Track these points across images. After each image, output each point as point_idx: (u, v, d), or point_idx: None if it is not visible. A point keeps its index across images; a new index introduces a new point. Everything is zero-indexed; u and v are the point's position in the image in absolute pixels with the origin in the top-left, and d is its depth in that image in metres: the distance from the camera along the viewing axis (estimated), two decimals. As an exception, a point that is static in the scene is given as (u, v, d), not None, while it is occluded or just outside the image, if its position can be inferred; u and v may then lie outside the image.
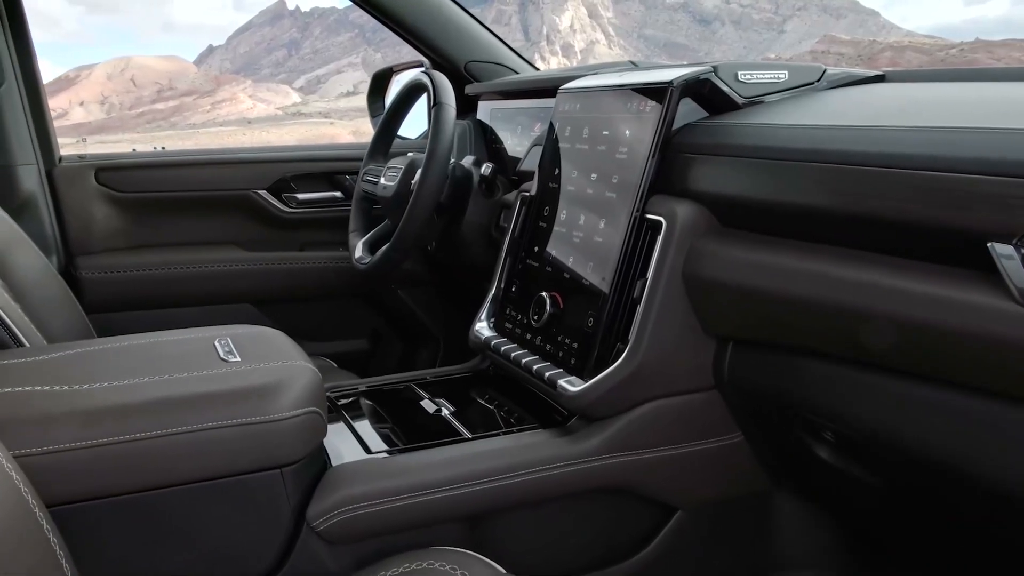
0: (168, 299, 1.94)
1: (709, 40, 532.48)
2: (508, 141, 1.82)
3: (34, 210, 1.82)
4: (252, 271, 1.99)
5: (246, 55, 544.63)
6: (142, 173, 1.94)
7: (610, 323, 1.12)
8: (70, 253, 1.90)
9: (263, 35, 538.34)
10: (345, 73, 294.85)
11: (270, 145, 10.72)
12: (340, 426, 1.22)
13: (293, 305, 2.07)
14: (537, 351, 1.24)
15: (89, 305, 1.84)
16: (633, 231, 1.11)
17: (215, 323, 1.97)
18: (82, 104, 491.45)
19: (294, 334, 2.06)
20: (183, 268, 1.94)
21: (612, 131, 1.19)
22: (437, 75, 1.55)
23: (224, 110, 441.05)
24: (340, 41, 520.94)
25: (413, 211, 1.46)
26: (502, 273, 1.40)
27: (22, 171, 1.80)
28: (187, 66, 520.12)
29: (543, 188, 1.33)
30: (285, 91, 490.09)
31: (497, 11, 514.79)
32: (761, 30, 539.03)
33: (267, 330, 1.17)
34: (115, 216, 1.94)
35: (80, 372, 0.99)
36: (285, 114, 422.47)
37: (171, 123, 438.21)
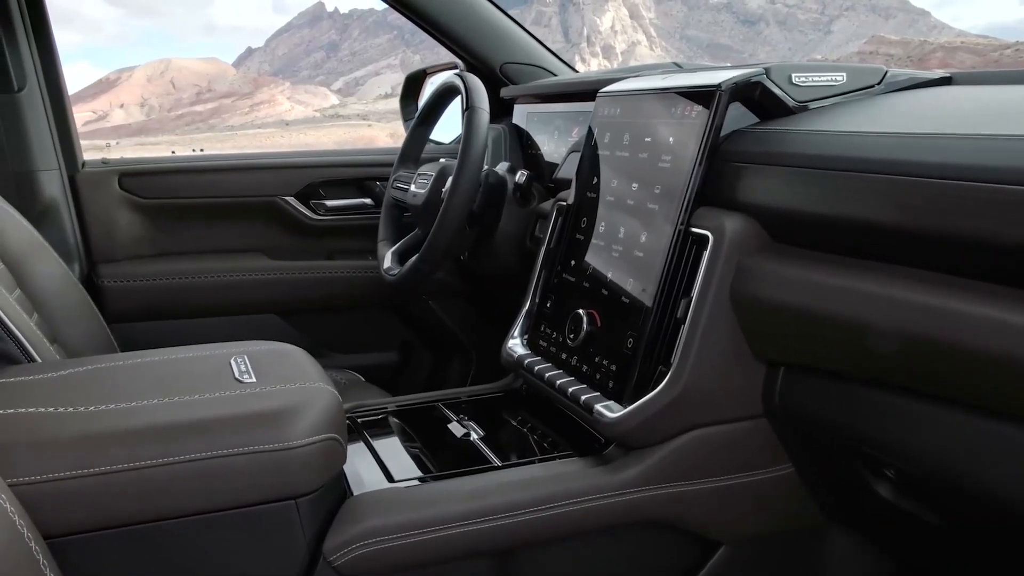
0: (191, 309, 1.92)
1: (753, 41, 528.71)
2: (545, 147, 1.77)
3: (56, 217, 1.81)
4: (278, 280, 1.96)
5: (284, 57, 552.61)
6: (166, 178, 1.92)
7: (651, 344, 1.06)
8: (92, 261, 1.88)
9: (302, 37, 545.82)
10: (383, 75, 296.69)
11: (306, 148, 10.73)
12: (362, 450, 1.18)
13: (320, 316, 2.03)
14: (573, 372, 1.19)
15: (111, 315, 1.82)
16: (677, 245, 1.05)
17: (239, 334, 1.97)
18: (122, 106, 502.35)
19: (321, 346, 2.06)
20: (207, 277, 1.91)
21: (655, 137, 1.13)
22: (470, 77, 1.51)
23: (262, 112, 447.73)
24: (378, 43, 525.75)
25: (443, 221, 1.41)
26: (536, 287, 1.35)
27: (44, 177, 1.78)
28: (226, 68, 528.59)
29: (581, 197, 1.27)
30: (323, 93, 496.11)
31: (537, 12, 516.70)
32: (807, 31, 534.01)
33: (287, 347, 1.13)
34: (138, 223, 1.92)
35: (87, 392, 0.96)
36: (323, 116, 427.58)
37: (209, 125, 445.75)
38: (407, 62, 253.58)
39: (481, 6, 1.86)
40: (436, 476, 1.10)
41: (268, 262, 1.99)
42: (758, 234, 1.01)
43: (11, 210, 1.52)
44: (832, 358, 0.95)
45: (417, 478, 1.10)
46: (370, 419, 1.30)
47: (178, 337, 1.91)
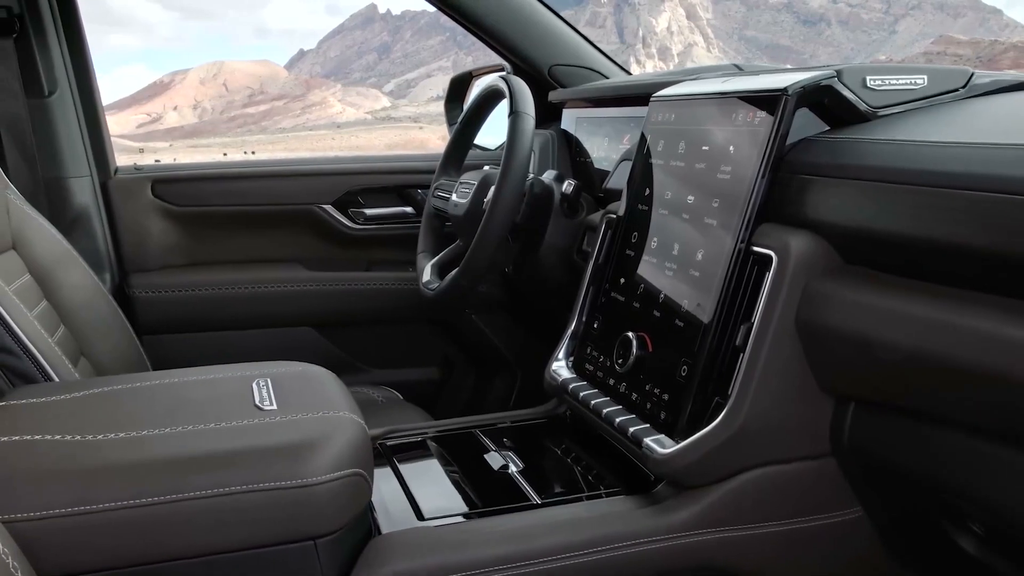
0: (225, 321, 1.89)
1: (814, 42, 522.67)
2: (594, 154, 1.70)
3: (87, 225, 1.79)
4: (315, 292, 1.93)
5: (337, 59, 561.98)
6: (200, 185, 1.90)
7: (707, 373, 0.99)
8: (124, 270, 1.87)
9: (354, 39, 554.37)
10: (435, 77, 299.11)
11: (357, 150, 10.63)
12: (391, 480, 1.12)
13: (358, 329, 1.99)
14: (621, 400, 1.12)
15: (142, 326, 1.81)
16: (737, 266, 0.98)
17: (274, 348, 1.93)
18: (176, 109, 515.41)
19: (358, 361, 2.01)
20: (241, 288, 1.88)
21: (713, 146, 1.06)
22: (515, 80, 1.45)
23: (314, 114, 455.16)
24: (431, 44, 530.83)
25: (484, 234, 1.35)
26: (583, 306, 1.29)
27: (75, 184, 1.77)
28: (278, 70, 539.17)
29: (632, 210, 1.21)
30: (375, 95, 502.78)
31: (591, 13, 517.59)
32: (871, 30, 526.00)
33: (313, 370, 1.08)
34: (171, 231, 1.90)
35: (97, 418, 0.92)
36: (374, 118, 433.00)
37: (261, 127, 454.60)
38: (459, 64, 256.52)
39: (529, 6, 1.80)
40: (470, 514, 1.04)
41: (304, 273, 1.95)
42: (827, 255, 0.93)
43: (40, 219, 1.50)
44: (910, 396, 0.87)
45: (449, 516, 1.04)
46: (402, 446, 1.25)
47: (210, 351, 1.88)
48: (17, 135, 1.68)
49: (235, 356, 1.91)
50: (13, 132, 1.67)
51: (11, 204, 1.46)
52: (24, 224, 1.47)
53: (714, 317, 0.98)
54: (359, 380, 1.90)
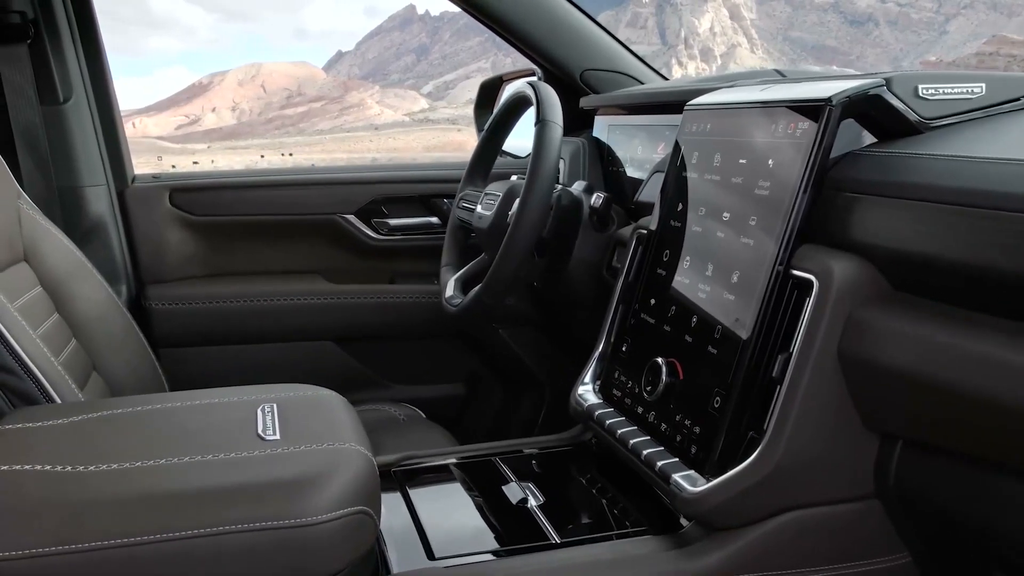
0: (243, 335, 1.86)
1: (861, 43, 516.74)
2: (627, 163, 1.65)
3: (103, 235, 1.78)
4: (336, 305, 1.90)
5: (375, 60, 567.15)
6: (219, 194, 1.88)
7: (741, 405, 0.93)
8: (140, 282, 1.85)
9: (392, 40, 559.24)
10: (474, 78, 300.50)
11: (394, 152, 10.65)
12: (403, 513, 1.08)
13: (381, 344, 1.96)
14: (649, 429, 1.07)
15: (159, 339, 1.79)
16: (774, 290, 0.92)
17: (294, 362, 1.90)
18: (214, 110, 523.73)
19: (381, 376, 1.97)
20: (261, 300, 1.86)
21: (751, 159, 1.00)
22: (542, 87, 1.40)
23: (351, 116, 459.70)
24: (469, 46, 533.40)
25: (508, 249, 1.31)
26: (611, 326, 1.23)
27: (90, 193, 1.76)
28: (316, 72, 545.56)
29: (663, 226, 1.15)
30: (413, 97, 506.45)
31: (632, 13, 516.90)
32: (920, 30, 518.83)
33: (322, 395, 1.04)
34: (189, 241, 1.88)
35: (90, 446, 0.89)
36: (412, 120, 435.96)
37: (299, 129, 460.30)
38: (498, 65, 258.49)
39: (561, 8, 1.75)
40: (484, 553, 0.99)
41: (326, 285, 1.92)
42: (874, 281, 0.87)
43: (54, 229, 1.48)
44: (964, 438, 0.80)
45: (461, 555, 0.99)
46: (417, 472, 1.20)
47: (228, 365, 1.86)
48: (31, 143, 1.66)
49: (254, 371, 1.90)
50: (27, 140, 1.66)
51: (23, 214, 1.44)
52: (36, 235, 1.45)
53: (749, 345, 0.92)
54: (381, 397, 1.87)
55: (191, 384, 1.80)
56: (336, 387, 1.89)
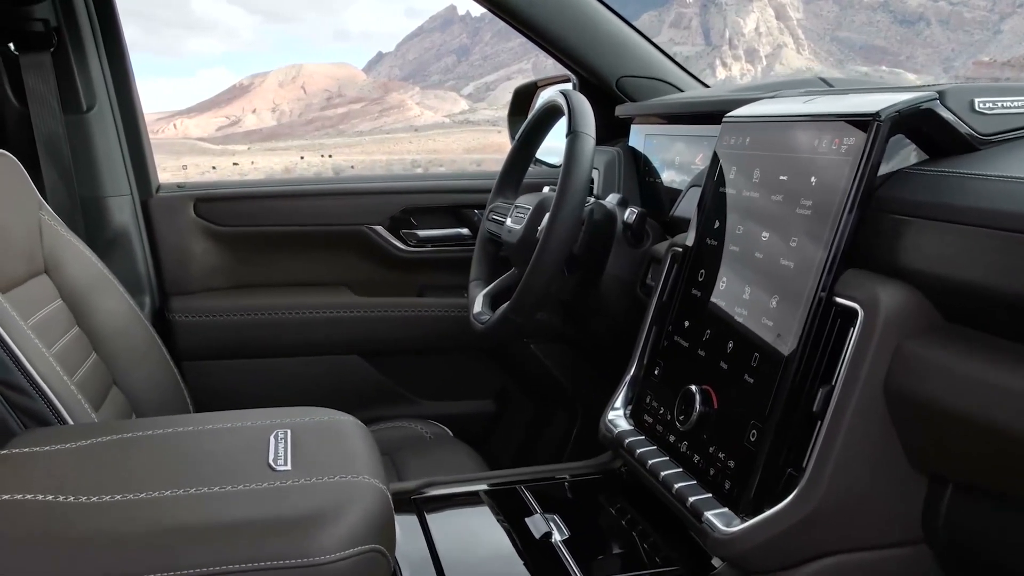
0: (268, 348, 1.85)
1: (912, 43, 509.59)
2: (665, 174, 1.60)
3: (126, 245, 1.77)
4: (363, 318, 1.87)
5: (415, 61, 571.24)
6: (244, 204, 1.86)
7: (779, 440, 0.88)
8: (164, 293, 1.84)
9: (432, 41, 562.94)
10: (515, 80, 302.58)
11: (434, 153, 10.60)
12: (420, 546, 1.04)
13: (409, 358, 1.93)
14: (682, 461, 1.02)
15: (182, 352, 1.78)
16: (816, 318, 0.87)
17: (319, 376, 1.88)
18: (255, 111, 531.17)
19: (408, 392, 1.94)
20: (286, 313, 1.84)
21: (792, 176, 0.96)
22: (574, 96, 1.36)
23: (391, 117, 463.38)
24: (511, 47, 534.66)
25: (536, 266, 1.27)
26: (644, 349, 1.19)
27: (114, 203, 1.75)
28: (356, 73, 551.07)
29: (699, 243, 1.11)
30: (453, 98, 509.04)
31: (676, 14, 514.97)
32: (973, 30, 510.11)
33: (340, 421, 1.01)
34: (214, 252, 1.87)
35: (96, 474, 0.87)
36: (452, 122, 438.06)
37: (339, 130, 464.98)
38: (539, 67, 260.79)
39: (596, 13, 1.71)
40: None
41: (353, 298, 1.90)
42: (924, 311, 0.82)
43: (76, 241, 1.48)
44: (1021, 484, 0.75)
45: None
46: (438, 500, 1.17)
47: (252, 379, 1.84)
48: (54, 153, 1.66)
49: (278, 385, 1.88)
50: (50, 150, 1.65)
51: (44, 225, 1.43)
52: (58, 246, 1.44)
53: (789, 377, 0.88)
54: (407, 413, 1.84)
55: (214, 398, 1.80)
56: (362, 402, 1.89)
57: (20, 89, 1.66)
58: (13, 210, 1.36)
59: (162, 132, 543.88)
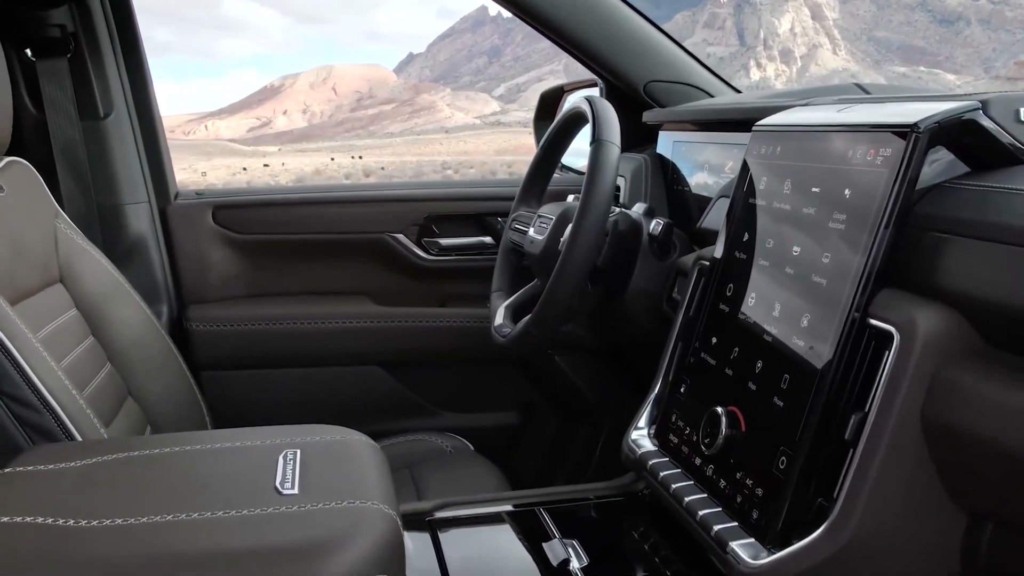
0: (287, 358, 1.83)
1: (951, 42, 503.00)
2: (693, 182, 1.56)
3: (144, 254, 1.76)
4: (384, 328, 1.85)
5: (446, 62, 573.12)
6: (264, 212, 1.85)
7: (810, 468, 0.84)
8: (182, 302, 1.83)
9: (464, 42, 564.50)
10: (546, 81, 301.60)
11: (464, 155, 10.56)
12: (433, 571, 1.01)
13: (430, 370, 1.91)
14: (707, 486, 0.98)
15: (200, 362, 1.77)
16: (849, 340, 0.83)
17: (339, 387, 1.86)
18: (285, 113, 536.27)
19: (429, 404, 1.92)
20: (306, 323, 1.82)
21: (825, 188, 0.92)
22: (599, 103, 1.33)
23: (422, 119, 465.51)
24: (542, 48, 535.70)
25: (558, 280, 1.24)
26: (669, 366, 1.16)
27: (131, 210, 1.74)
28: (387, 74, 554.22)
29: (727, 257, 1.07)
30: (484, 99, 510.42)
31: (710, 14, 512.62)
32: (1015, 29, 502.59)
33: (352, 441, 0.99)
34: (233, 260, 1.86)
35: (99, 495, 0.86)
36: (483, 123, 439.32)
37: (369, 132, 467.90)
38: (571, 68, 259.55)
39: (623, 16, 1.67)
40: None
41: (373, 307, 1.88)
42: (965, 336, 0.78)
43: (92, 249, 1.47)
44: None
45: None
46: (454, 522, 1.14)
47: (271, 389, 1.83)
48: (71, 160, 1.65)
49: (297, 396, 1.87)
50: (67, 157, 1.65)
51: (60, 234, 1.42)
52: (73, 255, 1.43)
53: (820, 401, 0.84)
54: (429, 426, 1.81)
55: (231, 409, 1.79)
56: (382, 415, 1.86)
57: (37, 96, 1.66)
58: (29, 219, 1.35)
59: (193, 133, 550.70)
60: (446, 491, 1.44)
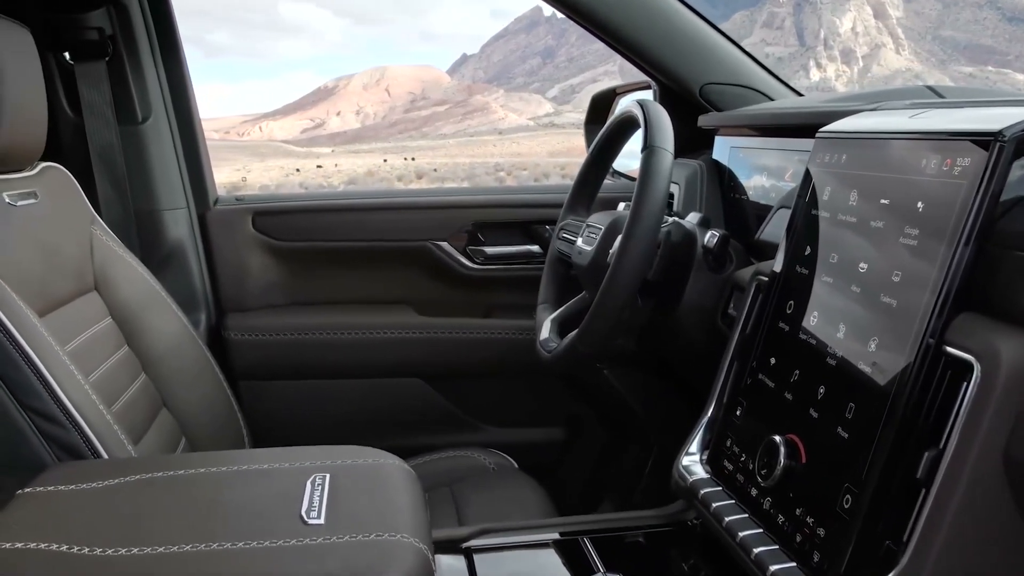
0: (327, 368, 1.81)
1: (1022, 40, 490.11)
2: (752, 190, 1.50)
3: (182, 260, 1.75)
4: (427, 339, 1.82)
5: (499, 63, 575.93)
6: (305, 218, 1.83)
7: (877, 508, 0.78)
8: (221, 310, 1.81)
9: (517, 43, 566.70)
10: (601, 82, 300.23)
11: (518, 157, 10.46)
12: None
13: (473, 383, 1.87)
14: (763, 519, 0.93)
15: (238, 371, 1.75)
16: (922, 369, 0.76)
17: (378, 399, 1.83)
18: (339, 114, 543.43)
19: (472, 418, 1.88)
20: (346, 333, 1.80)
21: (895, 200, 0.85)
22: (652, 107, 1.28)
23: (475, 120, 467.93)
24: (596, 48, 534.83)
25: (606, 294, 1.19)
26: (723, 387, 1.10)
27: (169, 216, 1.73)
28: (440, 75, 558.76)
29: (788, 272, 1.01)
30: (537, 100, 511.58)
31: (768, 14, 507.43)
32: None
33: (386, 466, 0.95)
34: (272, 267, 1.84)
35: (117, 521, 0.83)
36: (537, 124, 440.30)
37: (422, 133, 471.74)
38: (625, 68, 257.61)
39: (678, 15, 1.61)
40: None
41: (416, 318, 1.85)
42: None
43: (128, 256, 1.46)
44: None
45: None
46: (491, 552, 1.09)
47: (309, 401, 1.81)
48: (108, 165, 1.65)
49: (336, 408, 1.84)
50: (104, 161, 1.64)
51: (96, 240, 1.41)
52: (109, 262, 1.42)
53: (890, 436, 0.77)
54: (471, 441, 1.78)
55: (269, 420, 1.77)
56: (423, 429, 1.83)
57: (75, 100, 1.65)
58: (64, 225, 1.34)
59: (248, 135, 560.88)
60: (486, 513, 1.40)
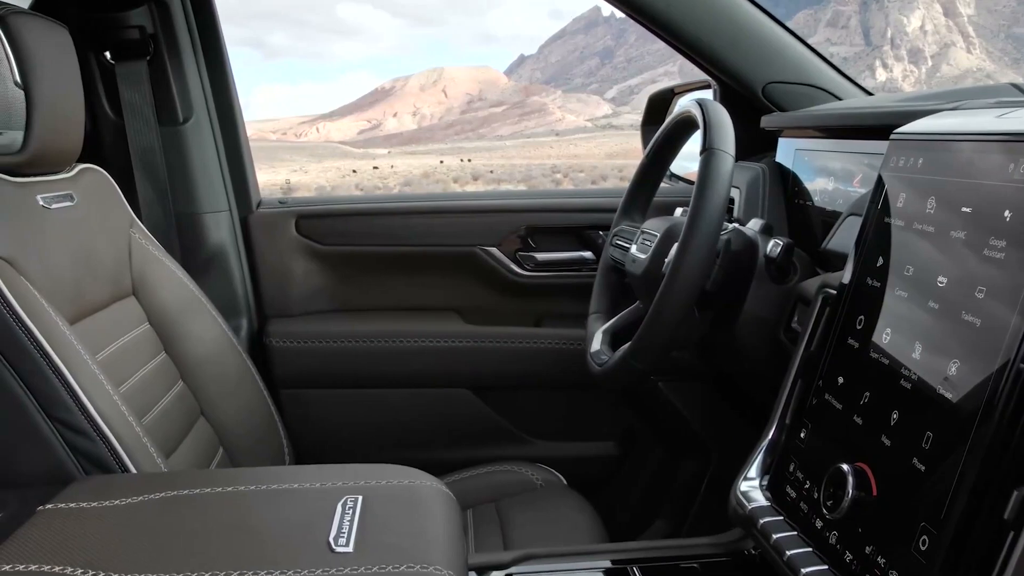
0: (371, 377, 1.78)
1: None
2: (818, 195, 1.43)
3: (223, 265, 1.73)
4: (474, 348, 1.77)
5: (557, 64, 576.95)
6: (350, 222, 1.80)
7: (958, 550, 0.71)
8: (263, 316, 1.79)
9: (576, 43, 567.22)
10: (660, 83, 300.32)
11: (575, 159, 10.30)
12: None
13: (522, 394, 1.82)
14: (829, 554, 0.86)
15: (279, 379, 1.73)
16: (1012, 397, 0.70)
17: (424, 410, 1.79)
18: (395, 115, 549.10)
19: (521, 431, 1.83)
20: (391, 341, 1.76)
21: (979, 209, 0.79)
22: (711, 107, 1.22)
23: (532, 122, 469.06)
24: (656, 49, 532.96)
25: (661, 306, 1.13)
26: (786, 407, 1.03)
27: (210, 220, 1.72)
28: (497, 76, 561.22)
29: (858, 285, 0.95)
30: (596, 102, 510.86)
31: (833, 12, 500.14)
32: None
33: (420, 488, 0.91)
34: (316, 273, 1.82)
35: (137, 544, 0.81)
36: (595, 126, 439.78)
37: (479, 135, 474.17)
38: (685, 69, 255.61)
39: (738, 10, 1.55)
40: None
41: (463, 326, 1.81)
42: None
43: (168, 260, 1.44)
44: None
45: None
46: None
47: (352, 410, 1.78)
48: (149, 167, 1.63)
49: (380, 418, 1.80)
50: (145, 163, 1.63)
51: (135, 244, 1.40)
52: (148, 267, 1.40)
53: (973, 471, 0.71)
54: (519, 455, 1.73)
55: (309, 430, 1.74)
56: (469, 441, 1.78)
57: (116, 100, 1.64)
58: (101, 229, 1.32)
59: (305, 135, 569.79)
60: (532, 534, 1.36)
